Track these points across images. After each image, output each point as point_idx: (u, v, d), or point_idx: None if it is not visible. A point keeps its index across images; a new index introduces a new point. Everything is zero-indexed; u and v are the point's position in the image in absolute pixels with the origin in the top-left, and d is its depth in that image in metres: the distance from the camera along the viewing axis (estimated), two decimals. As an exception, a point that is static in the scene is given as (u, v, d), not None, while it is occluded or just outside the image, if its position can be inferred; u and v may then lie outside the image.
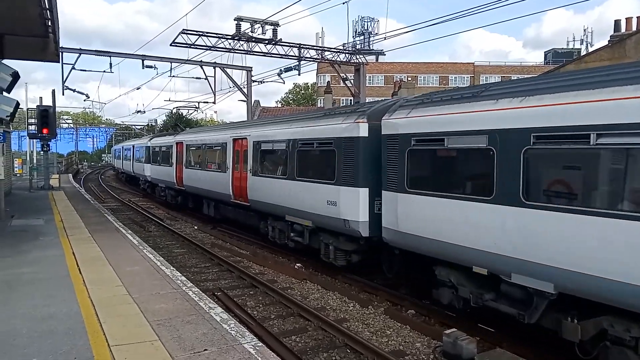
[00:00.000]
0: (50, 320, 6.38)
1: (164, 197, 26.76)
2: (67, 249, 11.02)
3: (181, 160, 22.72)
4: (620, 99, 5.79)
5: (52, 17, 13.92)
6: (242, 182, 15.75)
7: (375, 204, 10.15)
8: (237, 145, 16.55)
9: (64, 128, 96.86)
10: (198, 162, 20.68)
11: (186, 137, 22.96)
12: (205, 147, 19.81)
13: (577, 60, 25.19)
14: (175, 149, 23.74)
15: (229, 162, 16.93)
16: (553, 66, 46.72)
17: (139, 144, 34.78)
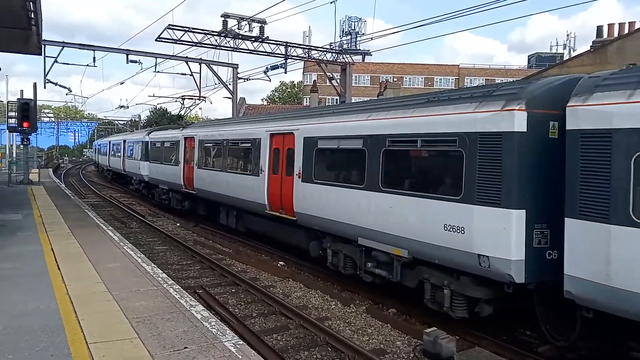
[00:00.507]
0: (27, 317, 6.28)
1: (165, 200, 22.76)
2: (46, 244, 10.85)
3: (191, 158, 19.06)
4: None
5: (35, 9, 13.68)
6: (286, 190, 12.28)
7: (535, 233, 6.88)
8: (276, 142, 13.12)
9: (45, 122, 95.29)
10: (216, 162, 16.92)
11: (199, 131, 19.02)
12: (227, 144, 16.11)
13: (560, 65, 25.60)
14: (184, 145, 19.98)
15: (265, 164, 13.36)
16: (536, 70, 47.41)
17: (133, 138, 30.47)
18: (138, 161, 27.46)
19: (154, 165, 24.49)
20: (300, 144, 11.76)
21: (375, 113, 9.77)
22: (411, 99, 9.53)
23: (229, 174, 15.62)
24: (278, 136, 13.03)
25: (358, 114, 10.36)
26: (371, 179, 9.43)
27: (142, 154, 26.54)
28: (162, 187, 23.10)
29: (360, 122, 10.00)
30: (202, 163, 18.04)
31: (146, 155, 25.98)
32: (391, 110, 9.39)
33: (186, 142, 19.89)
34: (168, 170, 21.75)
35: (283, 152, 12.68)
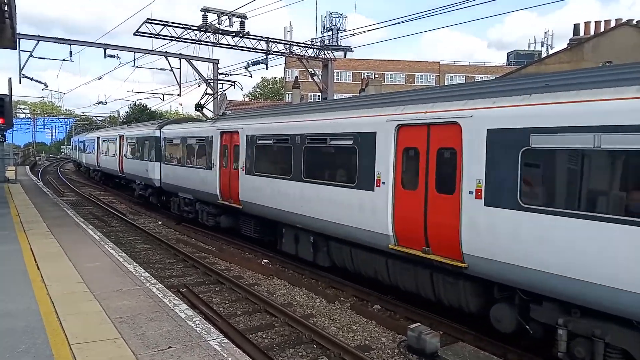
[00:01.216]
0: (6, 317, 6.13)
1: (189, 213, 18.03)
2: (24, 244, 10.61)
3: (233, 160, 14.44)
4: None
5: (8, 2, 13.35)
6: (448, 217, 7.69)
7: None
8: (407, 137, 8.55)
9: (21, 118, 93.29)
10: (283, 168, 12.09)
11: (247, 124, 13.93)
12: (304, 141, 11.25)
13: (538, 62, 25.98)
14: (220, 143, 15.17)
15: (386, 172, 8.81)
16: (515, 67, 48.05)
17: (136, 133, 24.68)
18: (145, 162, 22.05)
19: (169, 167, 19.53)
20: (483, 140, 7.32)
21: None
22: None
23: (310, 184, 10.97)
24: (412, 128, 8.49)
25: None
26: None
27: (152, 153, 21.21)
28: (184, 197, 18.15)
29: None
30: (255, 167, 13.26)
31: (157, 155, 20.80)
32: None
33: (224, 139, 14.96)
34: (194, 175, 16.89)
35: (430, 156, 8.17)
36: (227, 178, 14.67)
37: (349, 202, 9.67)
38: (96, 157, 35.00)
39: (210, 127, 16.07)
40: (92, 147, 37.45)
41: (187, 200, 18.03)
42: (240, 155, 13.87)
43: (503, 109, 7.03)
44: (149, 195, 22.79)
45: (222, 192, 14.99)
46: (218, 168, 15.20)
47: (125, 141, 26.27)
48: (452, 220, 7.55)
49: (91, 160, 37.79)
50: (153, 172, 20.91)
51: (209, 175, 15.74)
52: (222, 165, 15.08)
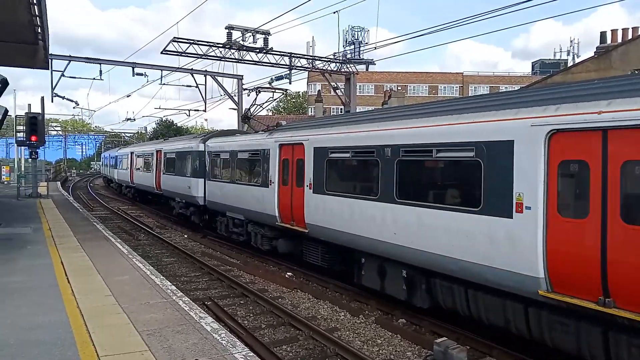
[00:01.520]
0: (38, 330, 6.31)
1: (240, 235, 16.20)
2: (55, 258, 10.90)
3: (295, 177, 12.66)
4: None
5: (42, 24, 13.88)
6: None
7: None
8: (566, 147, 6.53)
9: (53, 135, 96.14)
10: (366, 186, 10.37)
11: (316, 134, 12.07)
12: (400, 154, 9.18)
13: (565, 72, 25.60)
14: (278, 157, 13.43)
15: (532, 193, 6.80)
16: (540, 77, 47.41)
17: (175, 148, 23.16)
18: (186, 178, 20.38)
19: (216, 184, 17.93)
20: None
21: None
22: None
23: (406, 207, 8.87)
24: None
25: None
26: None
27: (195, 169, 19.60)
28: (234, 217, 16.47)
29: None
30: (326, 185, 11.33)
31: (201, 171, 19.12)
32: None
33: (283, 152, 13.20)
34: (246, 193, 15.10)
35: None
36: (289, 197, 12.82)
37: (468, 230, 7.62)
38: (129, 173, 33.44)
39: (267, 139, 14.20)
40: (125, 162, 35.91)
41: (237, 221, 16.24)
42: (305, 171, 12.00)
43: None
44: (190, 214, 21.05)
45: (282, 213, 13.15)
46: (277, 185, 13.36)
47: (163, 156, 24.88)
48: None
49: (124, 176, 36.13)
50: (196, 189, 19.22)
51: (265, 194, 13.86)
52: (281, 183, 13.24)
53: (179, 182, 21.62)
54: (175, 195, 22.62)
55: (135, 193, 33.43)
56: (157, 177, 25.90)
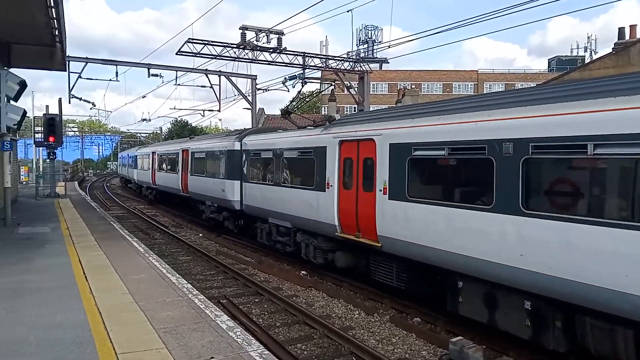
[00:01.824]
0: (57, 328, 6.41)
1: (286, 245, 14.25)
2: (73, 256, 11.07)
3: (365, 178, 10.57)
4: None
5: (59, 27, 14.08)
6: None
7: None
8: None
9: (70, 136, 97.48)
10: (471, 192, 8.46)
11: (391, 127, 10.04)
12: (530, 151, 7.09)
13: (582, 68, 25.23)
14: (338, 156, 11.51)
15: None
16: (557, 74, 46.78)
17: (204, 147, 21.42)
18: (219, 180, 18.58)
19: (255, 187, 15.94)
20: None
21: None
22: None
23: (541, 220, 6.86)
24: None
25: None
26: None
27: (230, 170, 17.87)
28: (278, 224, 14.38)
29: None
30: (409, 190, 9.22)
31: (237, 172, 17.37)
32: None
33: (345, 149, 11.25)
34: (295, 197, 13.20)
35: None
36: (353, 203, 10.81)
37: None
38: (151, 173, 31.71)
39: (322, 136, 12.25)
40: (145, 162, 34.06)
41: (283, 228, 14.23)
42: (377, 172, 9.94)
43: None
44: (223, 219, 19.19)
45: (344, 222, 11.17)
46: (336, 189, 11.37)
47: (191, 156, 22.99)
48: None
49: (145, 177, 34.37)
50: (231, 192, 17.44)
51: (320, 199, 11.92)
52: (342, 186, 11.26)
53: (210, 185, 19.81)
54: (205, 199, 20.66)
55: (157, 195, 31.96)
56: (183, 178, 23.98)
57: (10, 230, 15.02)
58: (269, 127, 21.53)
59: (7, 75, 14.65)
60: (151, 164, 31.92)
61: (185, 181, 23.74)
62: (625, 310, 5.84)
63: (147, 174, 33.36)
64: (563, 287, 6.48)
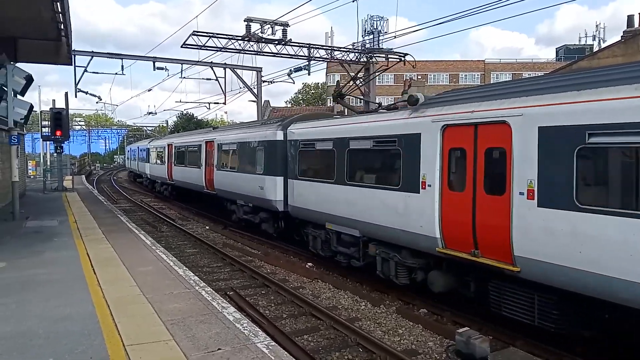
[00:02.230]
0: (65, 320, 6.46)
1: (352, 258, 11.64)
2: (81, 249, 11.15)
3: (489, 176, 7.91)
4: None
5: (64, 21, 14.10)
6: None
7: None
8: None
9: (77, 130, 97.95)
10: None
11: (540, 105, 7.12)
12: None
13: (590, 57, 24.96)
14: (440, 147, 8.79)
15: None
16: (565, 63, 46.31)
17: (236, 138, 18.74)
18: (257, 176, 15.94)
19: (306, 185, 13.31)
20: None
21: None
22: None
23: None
24: None
25: None
26: None
27: (270, 164, 15.36)
28: (340, 231, 11.76)
29: None
30: (577, 196, 6.59)
31: (280, 166, 14.77)
32: None
33: (450, 137, 8.59)
34: (369, 199, 10.56)
35: None
36: (466, 210, 8.10)
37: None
38: (167, 168, 28.99)
39: (412, 119, 9.46)
40: (160, 156, 31.52)
41: (347, 237, 11.57)
42: (515, 168, 7.26)
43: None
44: (260, 221, 16.60)
45: (449, 235, 8.50)
46: (437, 190, 8.69)
47: (217, 148, 20.39)
48: None
49: (159, 172, 31.66)
50: (272, 190, 14.87)
51: (410, 203, 9.28)
52: (446, 186, 8.60)
53: (243, 181, 17.24)
54: (236, 197, 17.98)
55: (174, 191, 29.48)
56: (207, 173, 21.28)
57: (18, 224, 15.15)
58: (317, 113, 18.53)
59: (13, 69, 14.72)
60: (167, 158, 29.24)
61: (210, 177, 21.08)
62: None
63: (162, 168, 30.83)
64: None
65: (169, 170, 28.75)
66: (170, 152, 28.56)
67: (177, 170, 27.12)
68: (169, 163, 28.89)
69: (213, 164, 20.80)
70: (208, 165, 21.57)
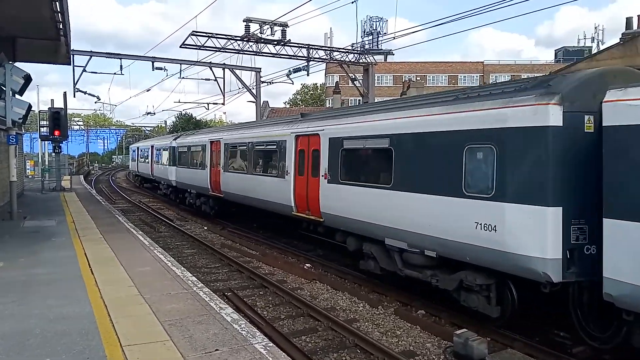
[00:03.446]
0: (63, 320, 6.45)
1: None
2: (79, 249, 11.13)
3: None
4: None
5: (63, 20, 14.09)
6: None
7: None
8: None
9: (75, 130, 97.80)
10: None
11: None
12: None
13: (589, 59, 25.00)
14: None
15: None
16: (563, 65, 46.38)
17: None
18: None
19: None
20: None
21: None
22: None
23: None
24: None
25: None
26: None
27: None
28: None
29: None
30: None
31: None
32: None
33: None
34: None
35: None
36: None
37: None
38: (209, 174, 20.55)
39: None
40: (176, 156, 25.92)
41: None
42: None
43: None
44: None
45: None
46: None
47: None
48: None
49: (179, 176, 25.22)
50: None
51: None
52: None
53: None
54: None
55: (223, 207, 20.69)
56: (302, 187, 13.12)
57: (16, 224, 15.12)
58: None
59: (12, 69, 14.69)
60: (208, 159, 20.90)
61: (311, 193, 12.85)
62: None
63: (186, 173, 23.87)
64: None
65: (215, 178, 19.95)
66: (217, 152, 20.17)
67: (197, 175, 20.84)
68: (214, 167, 20.27)
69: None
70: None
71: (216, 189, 19.66)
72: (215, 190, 19.90)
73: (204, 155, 21.39)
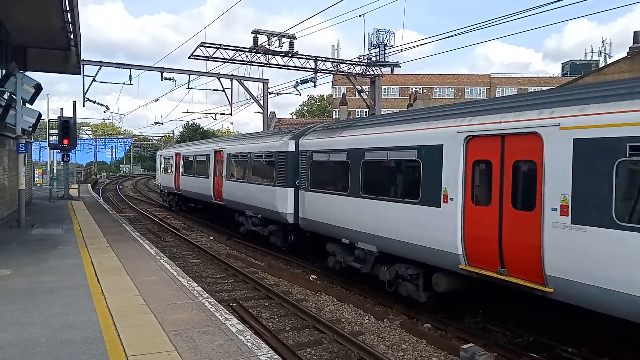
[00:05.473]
0: (68, 329, 6.45)
1: None
2: (85, 258, 11.16)
3: None
4: None
5: (74, 31, 14.27)
6: None
7: None
8: None
9: (84, 139, 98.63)
10: None
11: None
12: None
13: (596, 72, 24.97)
14: None
15: None
16: (570, 78, 46.34)
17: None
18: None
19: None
20: None
21: None
22: None
23: None
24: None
25: None
26: None
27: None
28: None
29: None
30: None
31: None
32: None
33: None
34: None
35: None
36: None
37: None
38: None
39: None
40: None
41: None
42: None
43: None
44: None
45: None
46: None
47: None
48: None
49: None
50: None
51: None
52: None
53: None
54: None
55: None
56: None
57: (24, 232, 15.20)
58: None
59: (22, 78, 14.87)
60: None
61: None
62: None
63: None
64: None
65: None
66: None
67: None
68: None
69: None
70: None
71: None
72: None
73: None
